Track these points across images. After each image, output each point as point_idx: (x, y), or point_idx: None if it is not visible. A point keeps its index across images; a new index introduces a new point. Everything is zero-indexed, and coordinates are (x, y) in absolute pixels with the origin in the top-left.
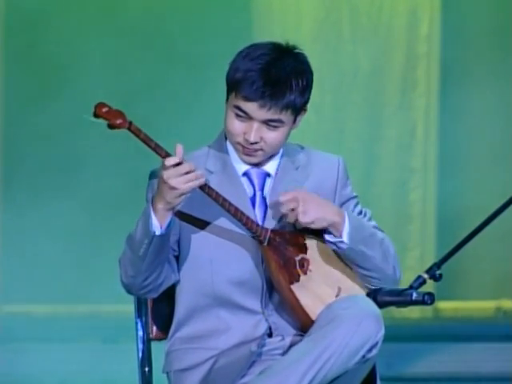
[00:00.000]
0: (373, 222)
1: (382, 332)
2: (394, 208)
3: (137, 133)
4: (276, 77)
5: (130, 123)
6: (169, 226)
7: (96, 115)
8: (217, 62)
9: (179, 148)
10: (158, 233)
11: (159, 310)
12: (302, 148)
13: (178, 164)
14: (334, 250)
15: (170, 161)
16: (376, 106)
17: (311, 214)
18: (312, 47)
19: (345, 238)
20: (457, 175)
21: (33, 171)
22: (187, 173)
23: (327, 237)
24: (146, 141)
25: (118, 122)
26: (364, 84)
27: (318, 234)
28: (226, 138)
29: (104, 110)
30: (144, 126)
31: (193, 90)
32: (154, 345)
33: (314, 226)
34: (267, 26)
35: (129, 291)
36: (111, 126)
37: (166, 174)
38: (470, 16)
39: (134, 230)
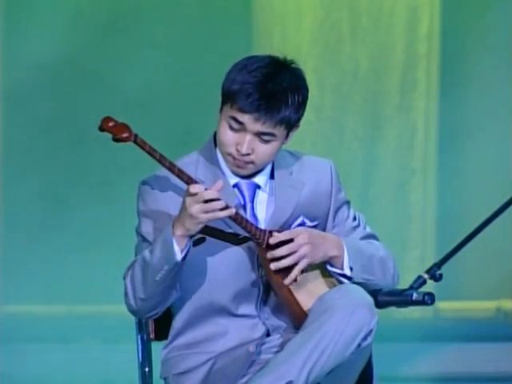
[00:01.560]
0: (367, 230)
1: (376, 319)
2: (394, 208)
3: (142, 145)
4: (272, 91)
5: (136, 136)
6: (188, 251)
7: (102, 129)
8: (217, 61)
9: (219, 183)
10: (179, 259)
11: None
12: (291, 153)
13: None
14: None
15: (194, 188)
16: (376, 106)
17: (318, 255)
18: (312, 47)
19: (347, 271)
20: (457, 175)
21: (34, 172)
22: (209, 201)
23: (330, 268)
24: (151, 152)
25: (124, 135)
26: (364, 84)
27: None
28: (215, 148)
29: (110, 124)
30: (144, 129)
31: (192, 89)
32: (154, 345)
33: (317, 262)
34: (267, 26)
35: (134, 313)
36: (117, 140)
37: (187, 201)
38: (470, 15)
39: (148, 254)
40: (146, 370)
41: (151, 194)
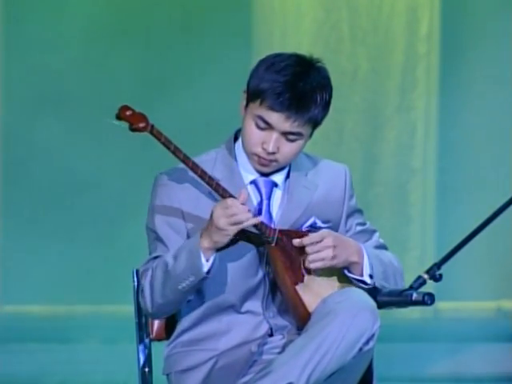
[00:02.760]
0: (381, 241)
1: (378, 323)
2: (394, 208)
3: (158, 136)
4: (302, 90)
5: (152, 126)
6: (213, 262)
7: (119, 118)
8: (217, 61)
9: (244, 195)
10: (205, 270)
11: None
12: (308, 156)
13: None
14: None
15: (230, 201)
16: (376, 107)
17: (340, 258)
18: (311, 47)
19: (366, 278)
20: (457, 176)
21: (34, 172)
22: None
23: (349, 274)
24: (167, 144)
25: (141, 125)
26: (363, 84)
27: None
28: (234, 143)
29: (128, 113)
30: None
31: (192, 89)
32: (154, 345)
33: (335, 266)
34: (267, 26)
35: (148, 314)
36: (133, 129)
37: (216, 215)
38: (469, 15)
39: (171, 260)
40: (146, 370)
41: (165, 187)
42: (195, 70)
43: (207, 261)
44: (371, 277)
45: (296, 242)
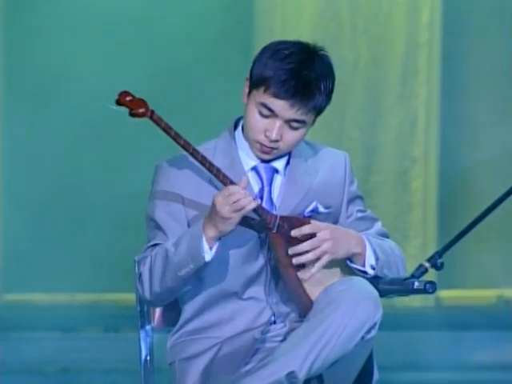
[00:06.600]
0: (384, 229)
1: (380, 312)
2: (396, 197)
3: (158, 122)
4: (307, 78)
5: (152, 112)
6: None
7: (119, 103)
8: (217, 52)
9: (244, 181)
10: (208, 259)
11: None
12: (308, 143)
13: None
14: None
15: (229, 189)
16: (377, 95)
17: (340, 251)
18: (312, 36)
19: (368, 269)
20: (458, 164)
21: (37, 160)
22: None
23: (351, 264)
24: (167, 130)
25: (141, 110)
26: (364, 73)
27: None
28: (234, 130)
29: (127, 98)
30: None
31: (192, 84)
32: (156, 334)
33: (339, 258)
34: (268, 16)
35: (146, 302)
36: (133, 115)
37: (218, 204)
38: (470, 3)
39: (171, 248)
40: (148, 358)
41: (164, 174)
42: (195, 63)
43: (211, 249)
44: (373, 268)
45: (293, 232)
